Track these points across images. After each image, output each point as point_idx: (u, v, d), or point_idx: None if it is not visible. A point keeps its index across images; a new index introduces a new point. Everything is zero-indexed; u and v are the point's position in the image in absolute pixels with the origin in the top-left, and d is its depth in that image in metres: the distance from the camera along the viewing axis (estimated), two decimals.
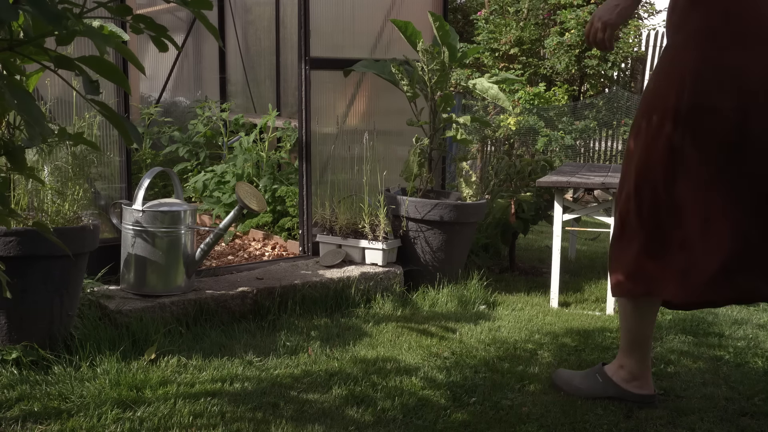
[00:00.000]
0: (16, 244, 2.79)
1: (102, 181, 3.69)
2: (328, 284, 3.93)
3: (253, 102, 6.57)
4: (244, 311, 3.63)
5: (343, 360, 3.18)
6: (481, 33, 10.53)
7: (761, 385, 3.14)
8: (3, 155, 1.56)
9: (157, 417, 2.53)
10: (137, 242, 3.44)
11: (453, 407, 2.77)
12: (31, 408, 2.55)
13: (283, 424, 2.55)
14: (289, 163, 5.47)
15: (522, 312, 4.11)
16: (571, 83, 10.21)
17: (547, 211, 5.03)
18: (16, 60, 1.46)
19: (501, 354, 3.37)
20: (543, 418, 2.72)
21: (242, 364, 3.05)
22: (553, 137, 9.07)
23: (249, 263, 4.33)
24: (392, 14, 4.74)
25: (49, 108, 3.35)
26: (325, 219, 4.40)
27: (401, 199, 4.32)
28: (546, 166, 5.25)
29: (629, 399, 2.84)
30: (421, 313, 3.95)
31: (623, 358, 2.86)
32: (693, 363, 3.39)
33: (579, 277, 5.02)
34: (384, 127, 4.69)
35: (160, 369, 2.94)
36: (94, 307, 3.26)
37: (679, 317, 4.16)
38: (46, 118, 1.44)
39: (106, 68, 1.42)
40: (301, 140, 4.43)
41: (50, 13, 1.20)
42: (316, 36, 4.38)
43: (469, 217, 4.37)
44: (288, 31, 6.19)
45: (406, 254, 4.34)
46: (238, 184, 3.71)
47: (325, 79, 4.49)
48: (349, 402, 2.76)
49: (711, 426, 2.74)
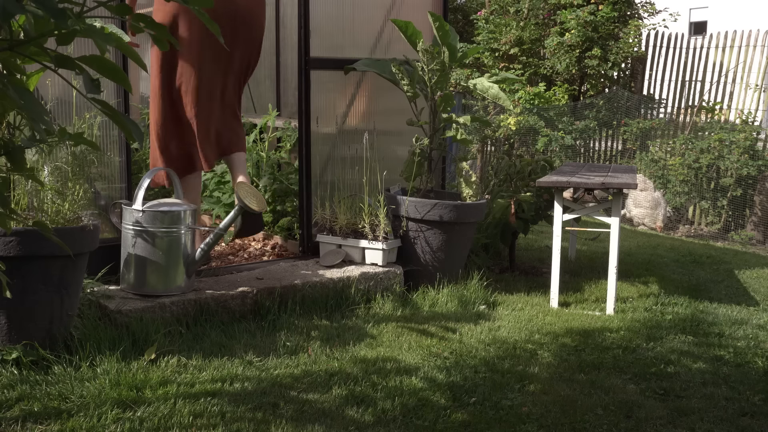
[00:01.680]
0: (16, 244, 2.79)
1: (102, 181, 3.69)
2: (328, 284, 3.93)
3: (253, 102, 6.57)
4: (244, 311, 3.63)
5: (343, 360, 3.18)
6: (481, 33, 10.53)
7: (761, 385, 3.14)
8: (3, 155, 1.56)
9: (157, 417, 2.53)
10: (137, 242, 3.44)
11: (453, 407, 2.77)
12: (31, 408, 2.55)
13: (283, 424, 2.54)
14: (289, 163, 5.46)
15: (522, 312, 4.11)
16: (571, 83, 10.21)
17: (547, 211, 5.03)
18: (17, 60, 1.46)
19: (501, 354, 3.37)
20: (543, 418, 2.72)
21: (242, 364, 3.05)
22: (553, 137, 9.07)
23: (249, 263, 4.33)
24: (392, 14, 4.74)
25: (49, 108, 3.35)
26: (325, 219, 4.40)
27: (401, 199, 4.32)
28: (546, 166, 5.24)
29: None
30: (421, 313, 3.95)
31: None
32: (693, 363, 3.39)
33: (579, 277, 5.02)
34: (384, 127, 4.69)
35: (160, 369, 2.94)
36: (94, 307, 3.26)
37: (679, 317, 4.16)
38: (49, 115, 1.44)
39: (106, 67, 1.42)
40: (301, 140, 4.43)
41: (55, 9, 1.21)
42: (316, 36, 4.38)
43: (469, 217, 4.37)
44: (288, 31, 6.19)
45: (406, 254, 4.34)
46: (238, 184, 3.71)
47: (325, 79, 4.49)
48: (349, 402, 2.76)
49: (711, 426, 2.74)
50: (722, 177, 8.26)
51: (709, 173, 8.36)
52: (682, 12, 15.25)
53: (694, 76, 9.68)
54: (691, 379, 3.18)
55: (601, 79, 10.15)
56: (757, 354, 3.54)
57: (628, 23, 10.06)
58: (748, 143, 8.10)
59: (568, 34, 9.84)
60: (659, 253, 6.23)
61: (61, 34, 1.36)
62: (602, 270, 4.89)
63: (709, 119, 9.09)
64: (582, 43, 9.80)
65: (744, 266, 5.97)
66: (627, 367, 3.30)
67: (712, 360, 3.44)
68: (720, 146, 8.20)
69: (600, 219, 4.50)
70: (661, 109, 9.77)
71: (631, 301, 4.48)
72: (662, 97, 9.83)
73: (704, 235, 8.09)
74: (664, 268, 5.60)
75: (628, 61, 10.15)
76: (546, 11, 10.46)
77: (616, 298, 4.29)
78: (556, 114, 9.39)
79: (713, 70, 9.55)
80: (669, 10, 11.29)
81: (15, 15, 1.19)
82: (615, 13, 9.80)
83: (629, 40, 9.84)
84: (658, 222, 8.13)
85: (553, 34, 10.06)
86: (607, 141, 9.58)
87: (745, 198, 8.14)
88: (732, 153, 8.11)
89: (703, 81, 9.59)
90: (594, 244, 6.31)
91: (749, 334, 3.89)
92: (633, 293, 4.69)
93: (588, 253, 5.93)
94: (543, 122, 9.23)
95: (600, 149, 9.61)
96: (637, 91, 9.99)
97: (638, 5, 10.68)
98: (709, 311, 4.35)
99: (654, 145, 9.00)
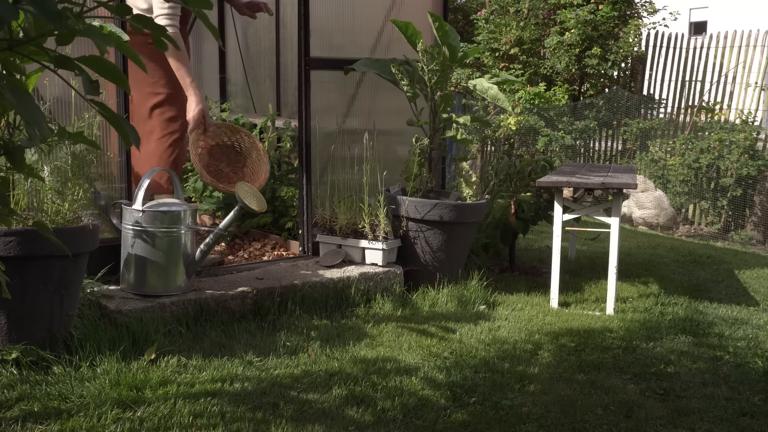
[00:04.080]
0: (16, 244, 2.78)
1: (102, 181, 3.69)
2: (328, 284, 3.93)
3: (253, 102, 6.57)
4: (244, 311, 3.63)
5: (343, 360, 3.18)
6: (481, 33, 10.53)
7: (761, 385, 3.14)
8: (2, 155, 1.56)
9: (157, 417, 2.53)
10: (137, 242, 3.44)
11: (453, 407, 2.77)
12: (31, 408, 2.55)
13: (283, 424, 2.54)
14: (289, 163, 5.46)
15: (522, 312, 4.11)
16: (571, 83, 10.21)
17: (547, 211, 5.03)
18: (16, 60, 1.46)
19: (501, 354, 3.37)
20: (543, 418, 2.72)
21: (242, 364, 3.05)
22: (553, 137, 9.07)
23: (249, 263, 4.33)
24: (392, 14, 4.74)
25: (48, 108, 3.35)
26: (325, 219, 4.40)
27: (401, 199, 4.32)
28: (546, 166, 5.24)
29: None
30: (421, 313, 3.95)
31: None
32: (693, 363, 3.39)
33: (579, 277, 5.02)
34: (384, 127, 4.69)
35: (160, 369, 2.94)
36: (94, 307, 3.26)
37: (679, 317, 4.16)
38: (46, 119, 1.44)
39: (106, 68, 1.41)
40: (301, 140, 4.43)
41: (51, 12, 1.20)
42: (316, 36, 4.38)
43: (469, 217, 4.36)
44: (288, 31, 6.19)
45: (406, 254, 4.34)
46: (238, 184, 3.71)
47: (325, 79, 4.49)
48: (349, 402, 2.75)
49: (711, 426, 2.74)
50: (722, 177, 8.26)
51: (709, 173, 8.36)
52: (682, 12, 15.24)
53: (694, 76, 9.68)
54: (691, 379, 3.17)
55: (601, 78, 10.15)
56: (757, 354, 3.53)
57: (628, 23, 10.06)
58: (748, 143, 8.10)
59: (568, 33, 9.85)
60: (659, 253, 6.23)
61: (61, 34, 1.35)
62: (602, 270, 4.89)
63: (709, 119, 9.09)
64: (582, 42, 9.80)
65: (744, 266, 5.97)
66: (627, 367, 3.30)
67: (712, 360, 3.44)
68: (720, 146, 8.20)
69: (600, 219, 4.50)
70: (661, 109, 9.77)
71: (631, 301, 4.48)
72: (662, 97, 9.83)
73: (704, 235, 8.09)
74: (664, 268, 5.60)
75: (628, 61, 10.15)
76: (546, 11, 10.46)
77: (616, 298, 4.29)
78: (556, 114, 9.39)
79: (713, 70, 9.55)
80: (669, 9, 11.29)
81: (10, 21, 1.18)
82: (615, 13, 9.80)
83: (629, 39, 9.85)
84: (679, 228, 8.09)
85: (553, 34, 10.07)
86: (607, 141, 9.58)
87: (745, 198, 8.14)
88: (732, 153, 8.11)
89: (703, 81, 9.59)
90: (594, 244, 6.31)
91: (749, 334, 3.89)
92: (633, 293, 4.69)
93: (588, 253, 5.93)
94: (543, 122, 9.23)
95: (600, 149, 9.61)
96: (637, 91, 9.98)
97: (638, 5, 10.68)
98: (709, 311, 4.35)
99: (654, 145, 9.00)
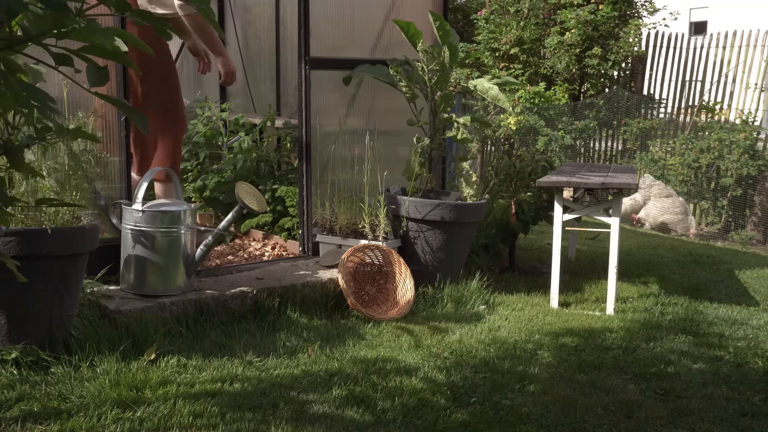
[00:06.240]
0: (15, 244, 2.78)
1: (101, 181, 3.69)
2: (328, 284, 3.93)
3: (253, 102, 6.57)
4: (244, 311, 3.63)
5: (343, 360, 3.18)
6: (482, 33, 10.53)
7: (761, 385, 3.14)
8: (2, 154, 1.56)
9: (157, 417, 2.53)
10: (137, 242, 3.44)
11: (453, 407, 2.77)
12: (31, 408, 2.55)
13: (283, 424, 2.54)
14: (289, 163, 5.46)
15: (522, 312, 4.11)
16: (571, 83, 10.21)
17: (547, 211, 5.02)
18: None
19: (501, 354, 3.37)
20: (543, 418, 2.72)
21: (242, 364, 3.05)
22: (553, 137, 9.06)
23: (249, 263, 4.33)
24: (392, 14, 4.74)
25: None
26: (325, 219, 4.39)
27: (401, 199, 4.32)
28: (546, 166, 5.24)
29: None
30: (420, 313, 3.95)
31: None
32: (693, 363, 3.39)
33: (579, 277, 5.02)
34: (384, 127, 4.68)
35: (160, 369, 2.94)
36: (93, 307, 3.26)
37: (679, 317, 4.16)
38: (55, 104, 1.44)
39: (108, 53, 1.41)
40: (301, 140, 4.43)
41: (54, 2, 1.20)
42: (316, 36, 4.37)
43: (469, 217, 4.36)
44: (288, 31, 6.19)
45: (406, 254, 4.33)
46: (238, 184, 3.71)
47: (325, 79, 4.49)
48: (349, 402, 2.75)
49: (711, 426, 2.73)
50: (722, 177, 8.26)
51: (709, 173, 8.36)
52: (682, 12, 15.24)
53: (694, 76, 9.67)
54: (691, 379, 3.17)
55: (601, 78, 10.15)
56: (757, 354, 3.53)
57: (629, 23, 10.06)
58: (748, 143, 8.10)
59: (568, 33, 9.85)
60: (659, 253, 6.23)
61: (61, 32, 1.35)
62: (602, 270, 4.89)
63: (709, 119, 9.09)
64: (582, 42, 9.79)
65: (744, 266, 5.97)
66: (627, 367, 3.30)
67: (712, 360, 3.44)
68: (720, 146, 8.20)
69: (600, 219, 4.50)
70: (661, 108, 9.77)
71: (631, 301, 4.48)
72: (662, 97, 9.83)
73: (704, 235, 8.09)
74: (664, 268, 5.60)
75: (628, 61, 10.15)
76: (546, 11, 10.46)
77: (616, 298, 4.28)
78: (556, 114, 9.39)
79: (713, 70, 9.55)
80: (669, 9, 11.28)
81: (19, 13, 1.18)
82: (615, 13, 9.80)
83: (629, 39, 9.85)
84: (692, 229, 8.05)
85: (553, 34, 10.07)
86: (607, 141, 9.57)
87: (745, 198, 8.14)
88: (732, 153, 8.11)
89: (703, 81, 9.59)
90: (594, 244, 6.30)
91: (749, 335, 3.89)
92: (633, 293, 4.69)
93: (588, 253, 5.93)
94: (543, 122, 9.23)
95: (600, 149, 9.61)
96: (637, 91, 9.98)
97: (638, 5, 10.68)
98: (709, 311, 4.34)
99: (654, 145, 9.00)
